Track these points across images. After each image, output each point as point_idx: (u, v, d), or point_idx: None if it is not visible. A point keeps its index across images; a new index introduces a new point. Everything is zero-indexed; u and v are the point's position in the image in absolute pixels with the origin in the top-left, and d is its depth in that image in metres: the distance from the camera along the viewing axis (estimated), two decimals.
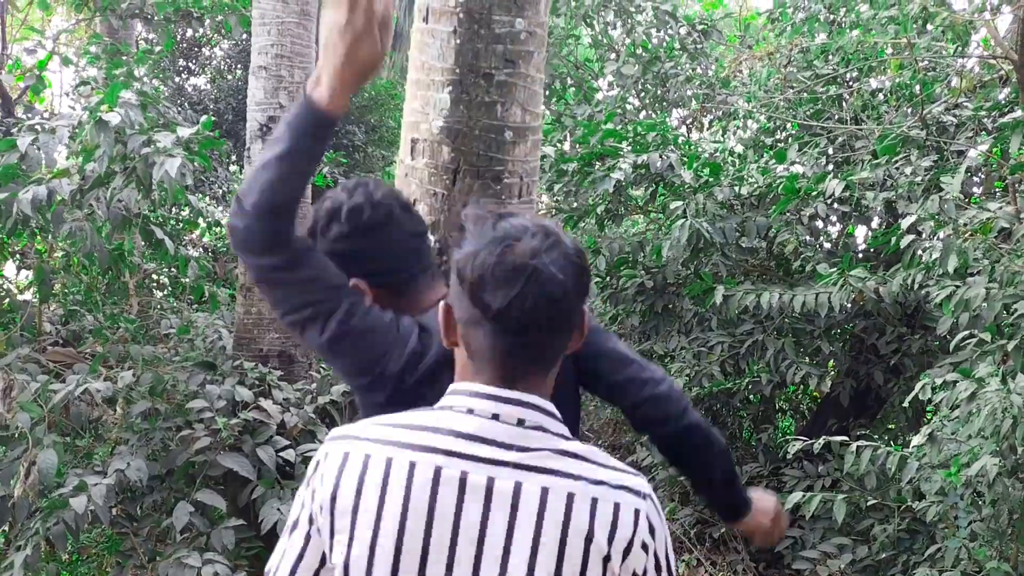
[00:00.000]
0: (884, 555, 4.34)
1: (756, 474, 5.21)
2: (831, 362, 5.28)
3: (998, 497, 3.22)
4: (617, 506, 1.14)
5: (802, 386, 6.17)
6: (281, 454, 3.65)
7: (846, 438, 3.53)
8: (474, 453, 1.15)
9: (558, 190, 5.44)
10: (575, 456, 1.17)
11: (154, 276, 5.66)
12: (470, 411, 1.17)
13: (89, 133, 3.43)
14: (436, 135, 1.90)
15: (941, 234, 3.51)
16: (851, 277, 4.17)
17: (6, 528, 3.43)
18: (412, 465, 1.15)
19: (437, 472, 1.14)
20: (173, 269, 5.64)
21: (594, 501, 1.13)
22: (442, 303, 1.23)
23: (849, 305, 4.49)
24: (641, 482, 1.21)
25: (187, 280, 5.31)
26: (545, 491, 1.13)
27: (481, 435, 1.15)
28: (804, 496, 3.74)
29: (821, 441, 3.56)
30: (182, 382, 3.68)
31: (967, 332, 3.19)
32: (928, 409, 4.76)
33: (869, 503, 4.09)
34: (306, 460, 3.81)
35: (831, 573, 4.47)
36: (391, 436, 1.17)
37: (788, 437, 5.48)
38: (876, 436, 4.32)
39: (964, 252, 3.19)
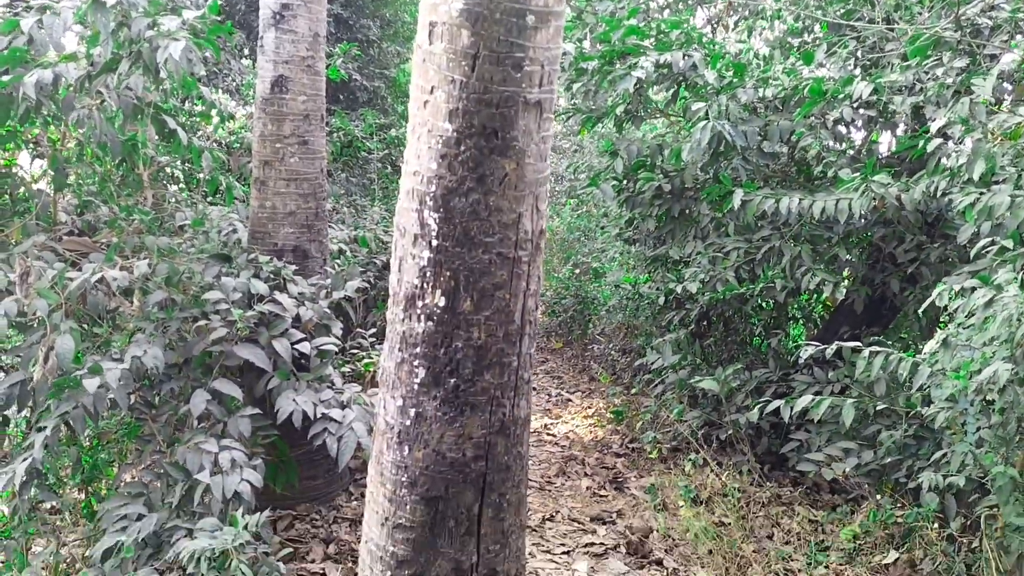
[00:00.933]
0: (889, 460, 4.40)
1: (765, 380, 5.24)
2: (847, 270, 5.24)
3: (1008, 404, 3.23)
4: None
5: (815, 295, 6.16)
6: (296, 347, 3.69)
7: (859, 344, 3.52)
8: None
9: (577, 90, 5.32)
10: None
11: (168, 169, 5.62)
12: None
13: (88, 14, 3.34)
14: (455, 18, 1.83)
15: (969, 139, 3.42)
16: (873, 183, 4.09)
17: (27, 413, 3.51)
18: None
19: None
20: (187, 163, 5.62)
21: None
22: None
23: (869, 213, 4.42)
24: None
25: (201, 173, 5.29)
26: None
27: None
28: (813, 400, 3.77)
29: (834, 347, 3.56)
30: (197, 273, 3.69)
31: (988, 240, 3.14)
32: (942, 319, 4.75)
33: (878, 408, 4.12)
34: (321, 353, 3.86)
35: (835, 476, 4.54)
36: None
37: (799, 343, 5.50)
38: (888, 344, 4.31)
39: (992, 157, 3.11)
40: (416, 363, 2.01)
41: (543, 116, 1.95)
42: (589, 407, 6.32)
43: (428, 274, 1.96)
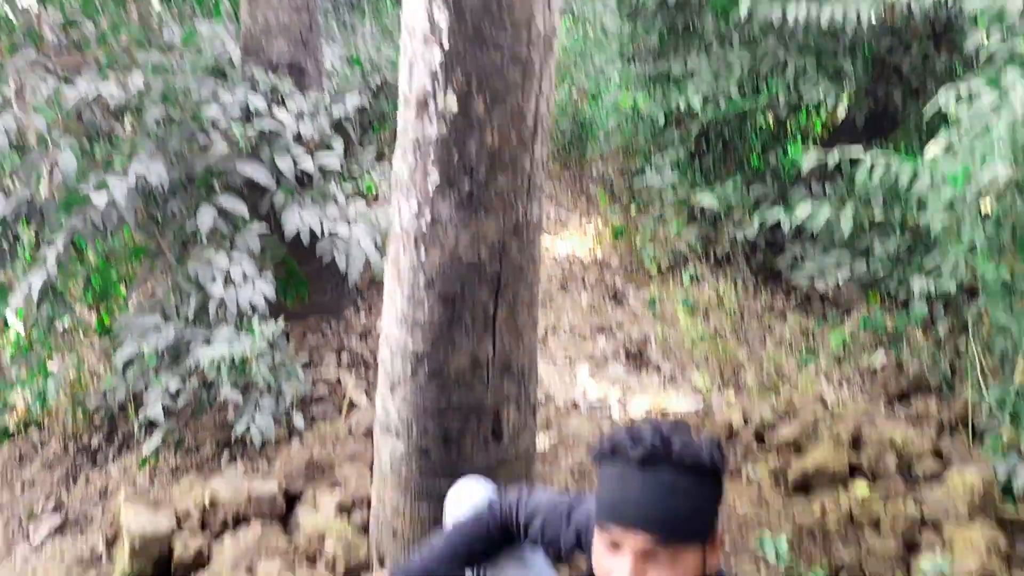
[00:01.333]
0: (882, 271, 4.52)
1: (763, 196, 5.27)
2: (850, 87, 5.16)
3: (1005, 210, 3.28)
4: None
5: (815, 112, 6.09)
6: (299, 164, 3.68)
7: (860, 152, 3.53)
8: None
9: None
10: None
11: None
12: None
13: None
14: None
15: None
16: None
17: (35, 232, 3.54)
18: None
19: None
20: None
21: None
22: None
23: (876, 22, 4.30)
24: None
25: None
26: None
27: None
28: (812, 208, 3.82)
29: (836, 154, 3.57)
30: (193, 90, 3.62)
31: (999, 41, 3.08)
32: (943, 129, 4.73)
33: (875, 219, 4.18)
34: (323, 171, 3.85)
35: (828, 287, 4.68)
36: None
37: (797, 160, 5.50)
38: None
39: None
40: (429, 167, 2.02)
41: None
42: (589, 227, 6.39)
43: (440, 76, 1.94)
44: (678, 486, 1.31)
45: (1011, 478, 3.11)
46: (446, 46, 1.91)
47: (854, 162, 3.61)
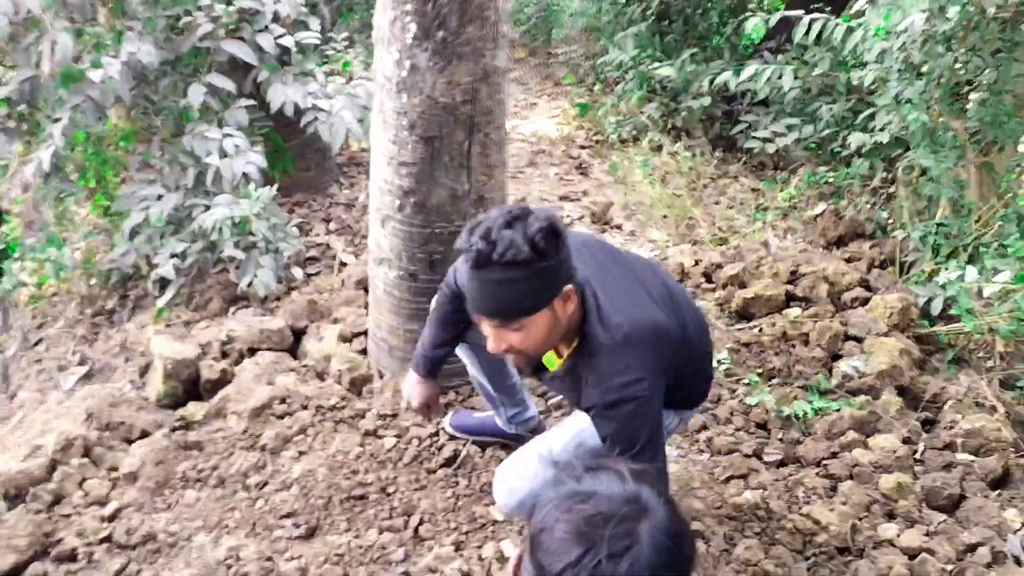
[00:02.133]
0: (827, 132, 4.87)
1: (721, 69, 5.56)
2: None
3: (929, 63, 3.62)
4: None
5: None
6: (279, 41, 3.92)
7: (801, 13, 3.81)
8: None
9: None
10: None
11: None
12: None
13: None
14: None
15: None
16: None
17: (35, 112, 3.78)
18: None
19: None
20: None
21: None
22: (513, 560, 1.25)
23: None
24: None
25: None
26: None
27: None
28: (758, 70, 4.14)
29: (775, 18, 3.86)
30: None
31: None
32: None
33: (817, 72, 4.48)
34: (302, 47, 4.09)
35: (777, 149, 5.03)
36: None
37: (754, 35, 5.78)
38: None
39: None
40: (407, 19, 2.32)
41: None
42: (555, 108, 6.65)
43: None
44: (505, 279, 1.57)
45: (929, 302, 3.55)
46: None
47: (797, 25, 3.91)
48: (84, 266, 3.89)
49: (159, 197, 3.71)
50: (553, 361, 1.85)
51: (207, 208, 3.61)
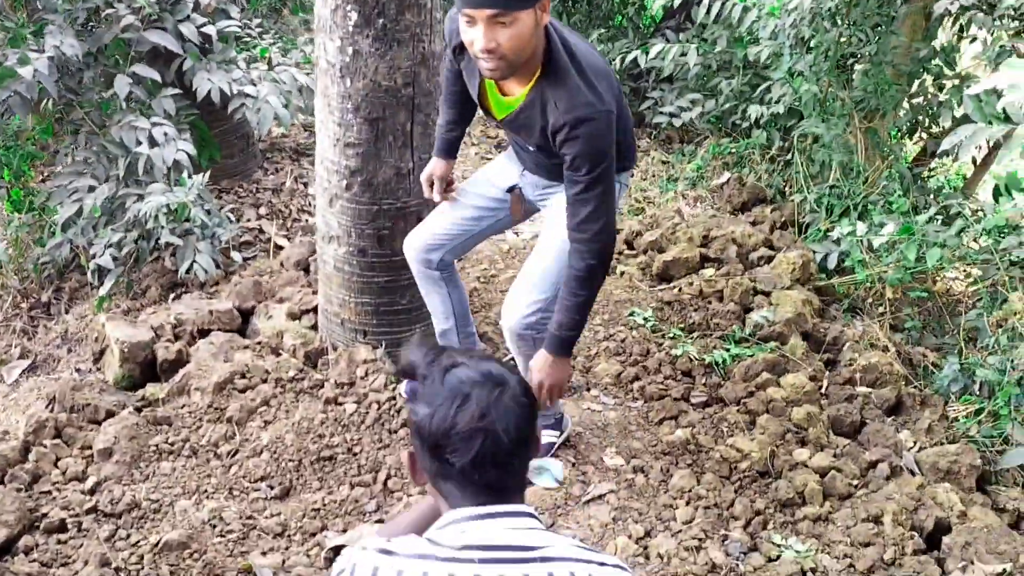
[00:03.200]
0: (728, 105, 5.20)
1: (626, 49, 5.83)
2: None
3: (817, 39, 3.97)
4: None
5: None
6: (201, 29, 3.97)
7: None
8: (502, 556, 1.21)
9: None
10: (579, 547, 1.26)
11: None
12: (478, 525, 1.24)
13: None
14: None
15: None
16: None
17: None
18: None
19: None
20: None
21: None
22: (405, 453, 1.35)
23: None
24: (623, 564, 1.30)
25: None
26: (572, 573, 1.22)
27: (499, 543, 1.22)
28: (663, 48, 4.42)
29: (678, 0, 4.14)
30: None
31: None
32: None
33: (717, 50, 4.80)
34: (224, 35, 4.15)
35: (683, 123, 5.34)
36: (421, 550, 1.21)
37: (655, 12, 6.07)
38: None
39: None
40: (349, 8, 2.47)
41: None
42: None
43: None
44: None
45: (826, 257, 3.91)
46: None
47: (698, 6, 4.20)
48: (16, 261, 3.88)
49: (90, 188, 3.74)
50: (504, 105, 2.14)
51: (140, 197, 3.66)
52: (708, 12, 3.97)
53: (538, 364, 2.26)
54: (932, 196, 4.14)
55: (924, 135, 4.99)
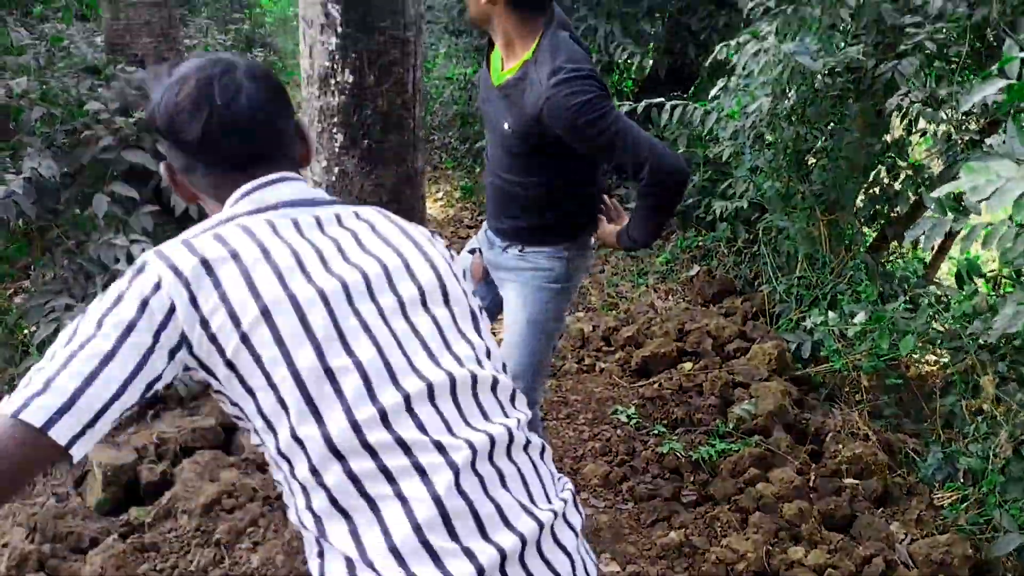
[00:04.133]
0: (691, 200, 5.36)
1: None
2: (652, 43, 5.98)
3: (776, 137, 4.14)
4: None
5: (626, 71, 6.91)
6: None
7: (662, 100, 4.28)
8: (306, 204, 1.25)
9: None
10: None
11: None
12: (262, 191, 1.24)
13: None
14: None
15: None
16: None
17: None
18: (273, 225, 1.20)
19: (296, 222, 1.22)
20: None
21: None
22: (162, 165, 1.31)
23: None
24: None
25: None
26: (356, 212, 1.29)
27: (294, 198, 1.24)
28: None
29: (642, 105, 4.31)
30: (72, 88, 3.91)
31: (756, 2, 3.88)
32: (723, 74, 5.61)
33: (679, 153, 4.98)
34: None
35: None
36: (232, 234, 1.18)
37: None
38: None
39: None
40: (335, 130, 2.55)
41: None
42: (438, 191, 6.95)
43: (337, 57, 2.46)
44: None
45: (799, 347, 3.99)
46: (340, 32, 2.44)
47: (660, 110, 4.37)
48: None
49: (68, 307, 3.72)
50: (501, 75, 2.29)
51: None
52: (671, 116, 4.14)
53: (607, 235, 2.43)
54: (897, 283, 4.26)
55: (882, 221, 5.17)
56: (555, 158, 2.30)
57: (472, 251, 2.61)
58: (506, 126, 2.30)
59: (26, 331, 3.78)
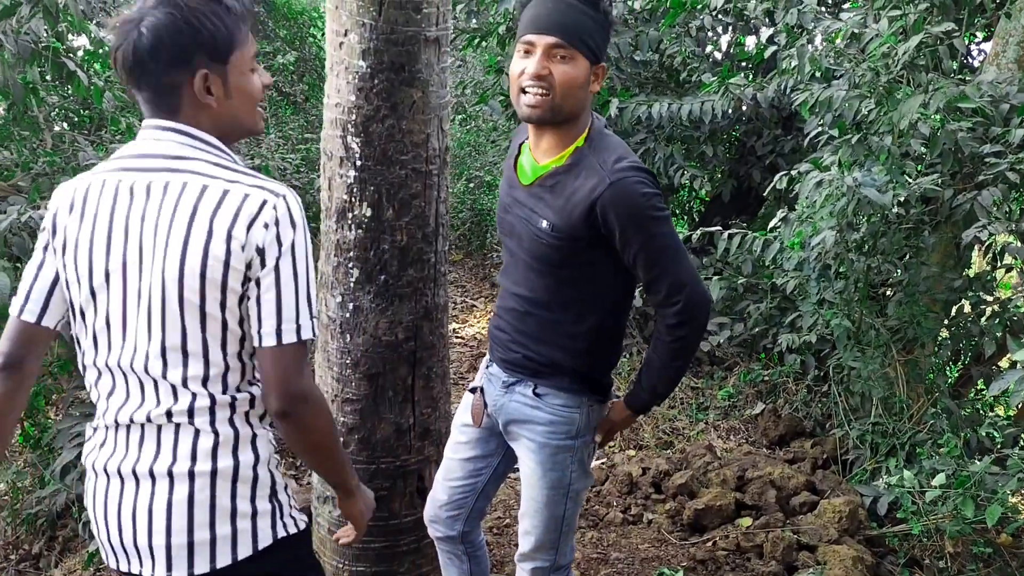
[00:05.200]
0: (757, 330, 5.05)
1: None
2: (715, 165, 5.80)
3: (845, 269, 3.85)
4: (247, 195, 1.46)
5: (691, 191, 6.75)
6: None
7: (720, 228, 4.06)
8: (140, 166, 1.49)
9: (460, 11, 5.60)
10: (224, 167, 1.50)
11: (58, 109, 5.66)
12: (144, 138, 1.52)
13: None
14: None
15: (796, 44, 3.93)
16: (731, 85, 4.60)
17: None
18: (103, 183, 1.51)
19: (115, 185, 1.50)
20: (88, 106, 5.64)
21: (225, 191, 1.46)
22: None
23: (730, 112, 4.94)
24: (282, 189, 1.51)
25: (99, 112, 5.37)
26: (185, 184, 1.47)
27: (148, 152, 1.50)
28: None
29: (699, 232, 4.10)
30: None
31: (819, 129, 3.68)
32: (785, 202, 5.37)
33: (745, 285, 4.73)
34: None
35: (711, 347, 5.18)
36: (102, 167, 1.53)
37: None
38: (755, 229, 4.91)
39: (816, 59, 3.63)
40: (351, 265, 2.40)
41: (441, 50, 2.31)
42: (492, 311, 6.80)
43: (355, 190, 2.33)
44: (577, 7, 1.89)
45: (875, 503, 3.58)
46: (359, 165, 2.31)
47: (719, 233, 4.15)
48: (11, 508, 3.70)
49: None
50: (538, 168, 2.03)
51: None
52: (728, 249, 3.90)
53: (616, 412, 2.19)
54: (983, 434, 3.83)
55: (965, 361, 4.75)
56: (591, 270, 2.02)
57: (472, 390, 2.31)
58: (544, 224, 1.99)
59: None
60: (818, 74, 4.02)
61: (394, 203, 2.34)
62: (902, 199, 3.41)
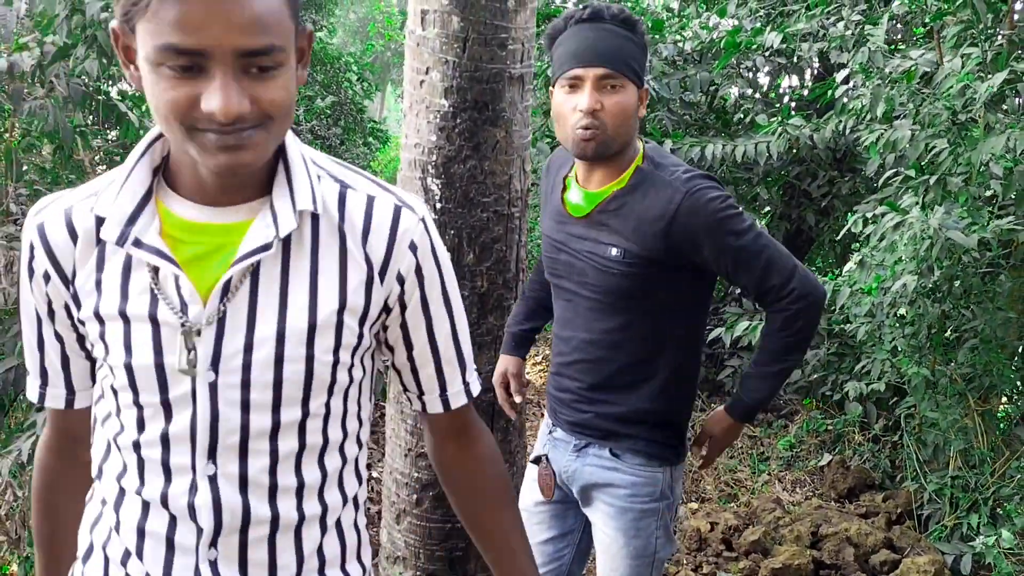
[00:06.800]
0: (815, 376, 4.88)
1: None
2: (767, 207, 5.69)
3: (918, 315, 3.69)
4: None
5: None
6: None
7: None
8: None
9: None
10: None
11: (103, 152, 5.66)
12: None
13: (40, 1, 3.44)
14: (446, 5, 2.08)
15: (870, 84, 3.83)
16: (788, 126, 4.50)
17: None
18: None
19: None
20: (119, 145, 5.63)
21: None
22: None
23: (784, 153, 4.83)
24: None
25: None
26: None
27: None
28: (749, 326, 4.18)
29: None
30: None
31: (893, 170, 3.56)
32: (855, 244, 5.23)
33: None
34: None
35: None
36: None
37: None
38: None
39: (891, 99, 3.52)
40: None
41: (524, 88, 2.23)
42: (548, 369, 6.67)
43: None
44: (617, 33, 1.81)
45: (956, 561, 3.39)
46: (439, 208, 2.21)
47: None
48: None
49: None
50: (592, 197, 1.90)
51: None
52: None
53: (716, 423, 2.03)
54: None
55: None
56: (667, 296, 1.86)
57: (536, 460, 2.08)
58: (613, 251, 1.83)
59: None
60: (879, 114, 3.91)
61: (475, 247, 2.23)
62: (986, 240, 3.27)
